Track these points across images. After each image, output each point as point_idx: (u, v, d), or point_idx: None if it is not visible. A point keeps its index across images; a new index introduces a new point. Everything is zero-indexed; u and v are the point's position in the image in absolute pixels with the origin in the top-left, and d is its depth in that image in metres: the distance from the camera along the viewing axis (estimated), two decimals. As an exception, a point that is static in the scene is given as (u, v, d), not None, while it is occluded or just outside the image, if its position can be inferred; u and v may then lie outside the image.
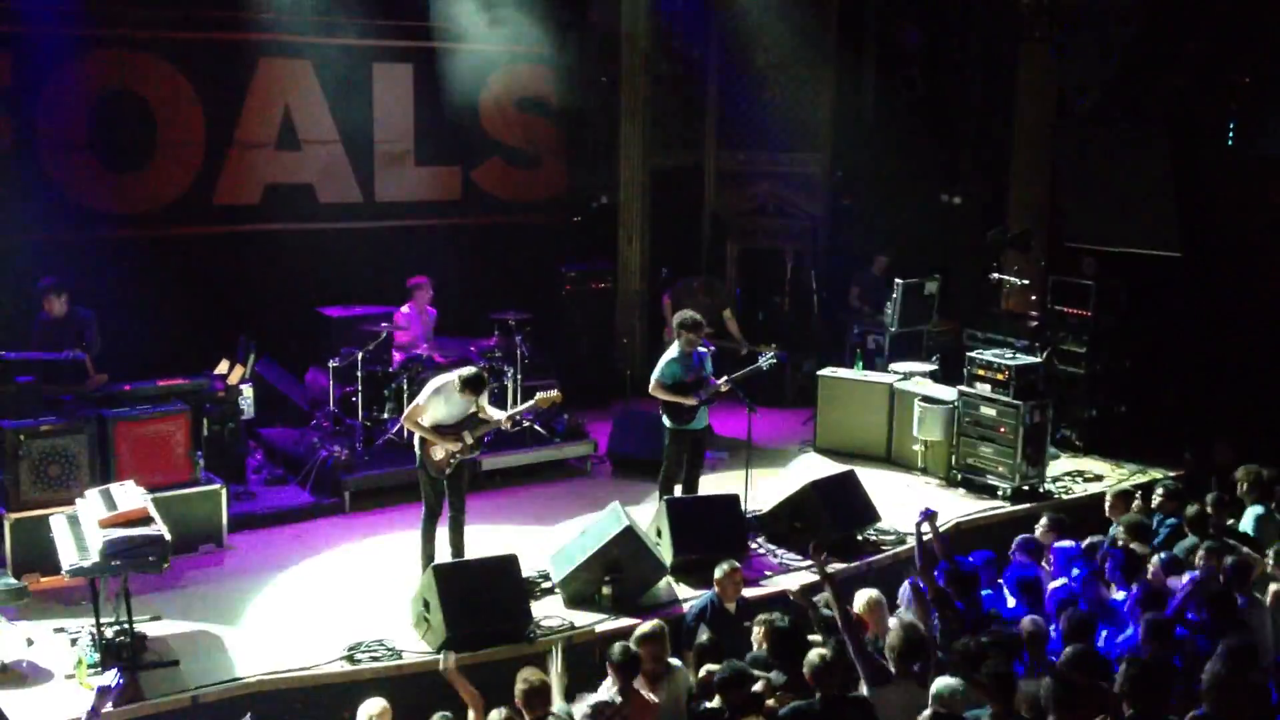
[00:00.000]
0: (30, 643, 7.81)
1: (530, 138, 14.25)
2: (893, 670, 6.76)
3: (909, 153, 14.84)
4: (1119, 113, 13.09)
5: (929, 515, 8.36)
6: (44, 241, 11.19)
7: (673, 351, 10.00)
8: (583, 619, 8.49)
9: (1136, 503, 9.74)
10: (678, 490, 10.13)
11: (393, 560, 9.52)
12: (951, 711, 6.11)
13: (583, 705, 6.58)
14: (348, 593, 8.99)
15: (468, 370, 8.98)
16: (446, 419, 8.90)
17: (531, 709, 6.45)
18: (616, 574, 8.65)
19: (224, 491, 9.70)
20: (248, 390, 10.84)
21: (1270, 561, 8.25)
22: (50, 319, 10.17)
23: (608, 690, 6.83)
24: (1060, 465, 11.94)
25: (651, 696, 6.91)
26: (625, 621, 8.26)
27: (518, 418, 10.11)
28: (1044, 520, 9.34)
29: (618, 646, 6.93)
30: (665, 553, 9.18)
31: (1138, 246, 12.85)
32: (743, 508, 9.81)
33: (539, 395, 9.37)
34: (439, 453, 8.90)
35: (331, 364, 11.37)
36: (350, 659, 7.86)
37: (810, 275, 15.04)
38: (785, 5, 14.35)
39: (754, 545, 9.88)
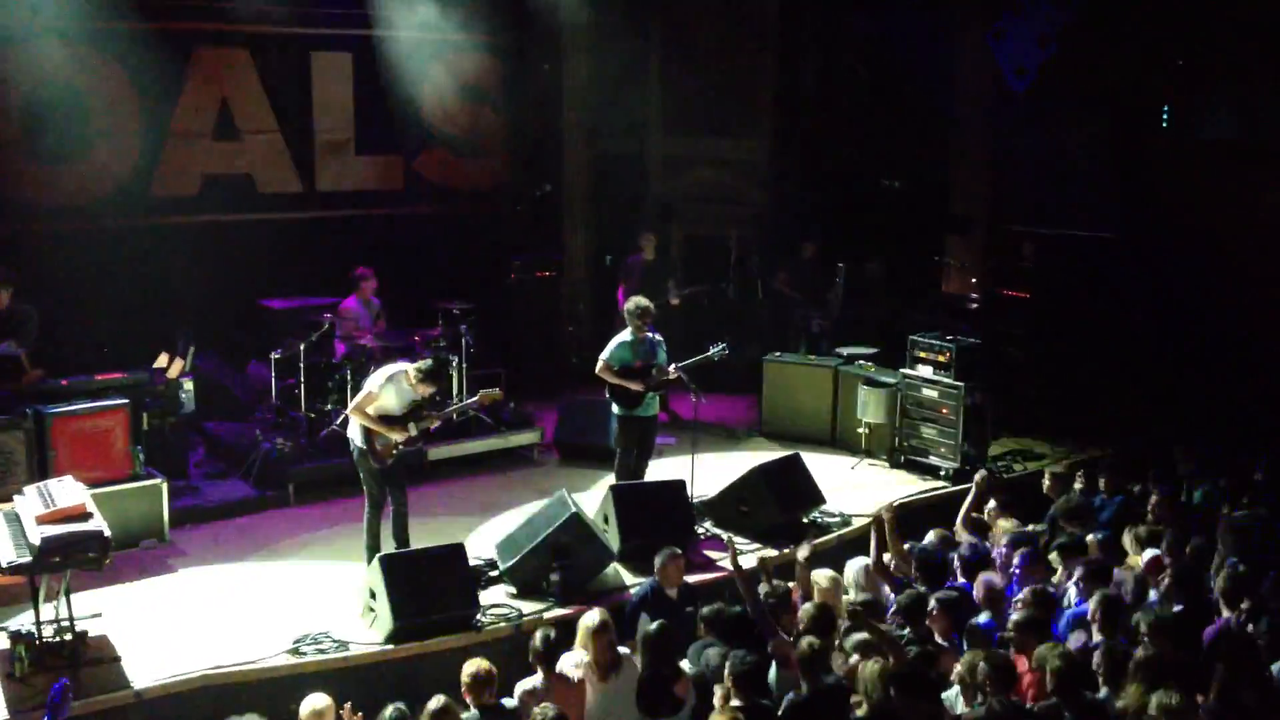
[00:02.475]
0: (-32, 641, 7.69)
1: (472, 126, 14.18)
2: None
3: (850, 137, 14.92)
4: (1057, 97, 13.23)
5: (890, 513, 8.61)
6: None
7: (624, 335, 10.00)
8: (530, 607, 8.48)
9: (1079, 482, 9.86)
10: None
11: (338, 552, 9.47)
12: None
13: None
14: (293, 586, 8.93)
15: (426, 361, 8.92)
16: (394, 409, 8.85)
17: (478, 697, 6.45)
18: (564, 561, 8.64)
19: (165, 486, 9.59)
20: (188, 384, 10.71)
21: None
22: None
23: (536, 678, 6.86)
24: (1001, 445, 12.07)
25: (577, 676, 6.92)
26: (573, 608, 8.27)
27: (462, 412, 10.08)
28: (991, 503, 9.44)
29: (538, 634, 6.96)
30: (613, 539, 9.19)
31: (1076, 229, 13.01)
32: (689, 493, 9.85)
33: (482, 393, 9.35)
34: (382, 443, 8.85)
35: (273, 356, 11.27)
36: (296, 651, 7.80)
37: (754, 261, 15.09)
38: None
39: (701, 530, 9.92)
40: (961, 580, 8.04)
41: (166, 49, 11.99)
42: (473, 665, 6.54)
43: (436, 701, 6.12)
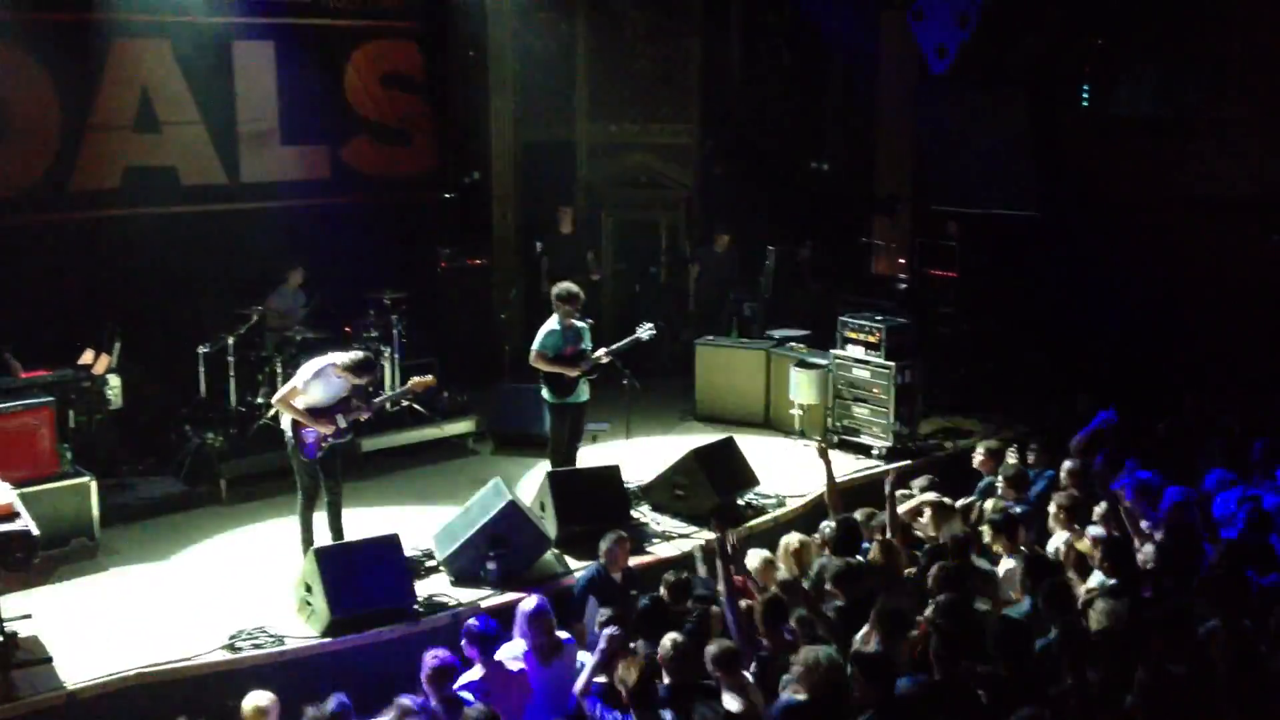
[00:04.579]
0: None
1: (398, 114, 14.06)
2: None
3: (777, 121, 15.01)
4: (977, 76, 13.39)
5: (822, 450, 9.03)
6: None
7: (552, 323, 10.01)
8: (469, 595, 8.49)
9: (1011, 458, 10.01)
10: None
11: (272, 547, 9.40)
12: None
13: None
14: (227, 581, 8.85)
15: (356, 354, 8.86)
16: (322, 401, 8.78)
17: (440, 689, 6.46)
18: (501, 549, 8.66)
19: (94, 484, 9.44)
20: (115, 380, 10.57)
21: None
22: None
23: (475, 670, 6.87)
24: (932, 423, 12.25)
25: (518, 666, 6.95)
26: (512, 596, 8.28)
27: (394, 401, 10.03)
28: (921, 480, 9.56)
29: (473, 622, 6.97)
30: (550, 526, 9.21)
31: (998, 207, 13.18)
32: (624, 478, 9.89)
33: (414, 380, 9.31)
34: (310, 436, 8.79)
35: (201, 350, 11.14)
36: (232, 648, 7.75)
37: (685, 245, 15.16)
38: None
39: (637, 515, 9.98)
40: None
41: (84, 40, 11.76)
42: (433, 657, 6.54)
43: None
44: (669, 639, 6.46)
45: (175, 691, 7.39)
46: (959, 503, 9.21)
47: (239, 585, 8.75)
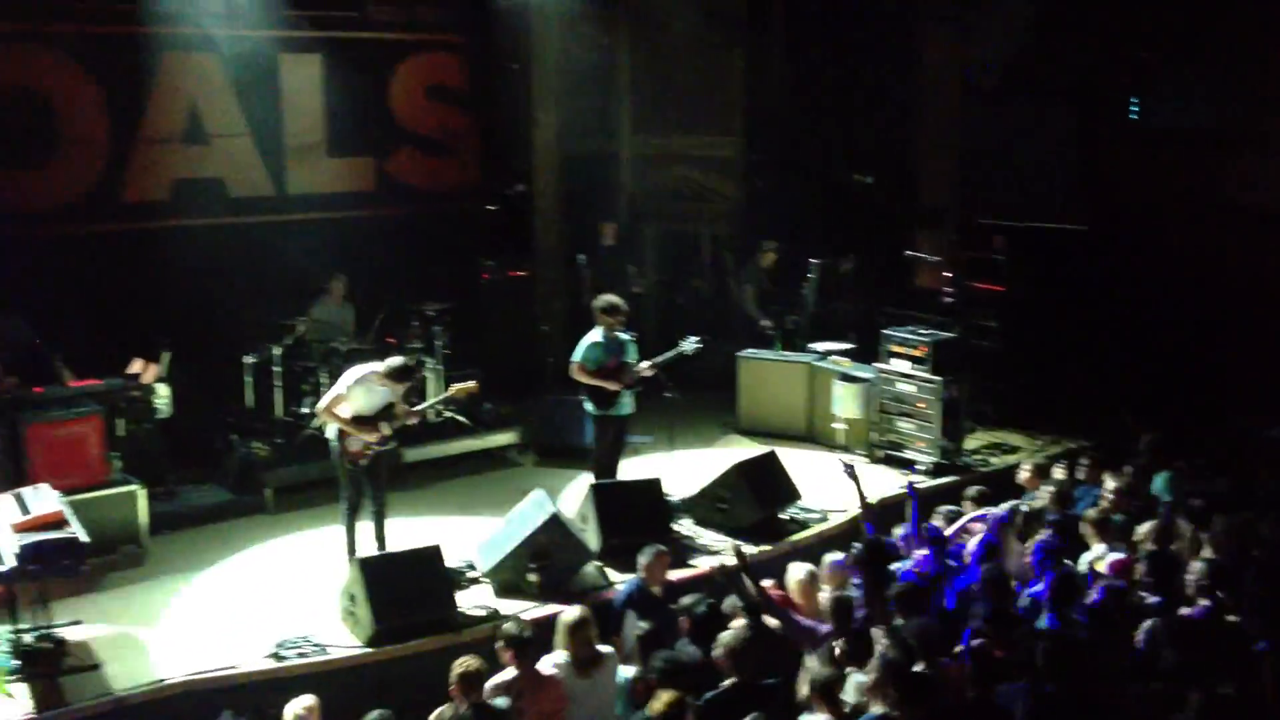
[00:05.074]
0: (-54, 651, 7.64)
1: (442, 126, 14.14)
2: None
3: (820, 133, 14.96)
4: (1023, 89, 13.30)
5: (849, 469, 8.95)
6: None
7: (594, 335, 10.01)
8: (511, 607, 8.50)
9: (1059, 473, 9.91)
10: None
11: (317, 555, 9.46)
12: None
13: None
14: (272, 590, 8.92)
15: (395, 360, 8.93)
16: (366, 410, 8.84)
17: (468, 695, 6.46)
18: (544, 561, 8.67)
19: (142, 492, 9.53)
20: (163, 389, 10.67)
21: None
22: None
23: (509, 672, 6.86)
24: (978, 438, 12.15)
25: (553, 673, 6.94)
26: (553, 608, 8.27)
27: (437, 409, 10.07)
28: (970, 492, 9.49)
29: (510, 625, 6.98)
30: (592, 538, 9.21)
31: (1045, 221, 13.09)
32: (666, 491, 9.87)
33: (455, 386, 9.35)
34: (355, 444, 8.84)
35: (247, 360, 11.23)
36: (276, 656, 7.79)
37: (728, 258, 15.13)
38: (693, -12, 14.41)
39: (679, 528, 9.95)
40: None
41: (135, 53, 11.89)
42: (462, 664, 6.54)
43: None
44: (729, 634, 6.46)
45: (221, 698, 7.42)
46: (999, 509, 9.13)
47: (284, 593, 8.82)
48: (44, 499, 7.76)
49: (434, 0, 12.91)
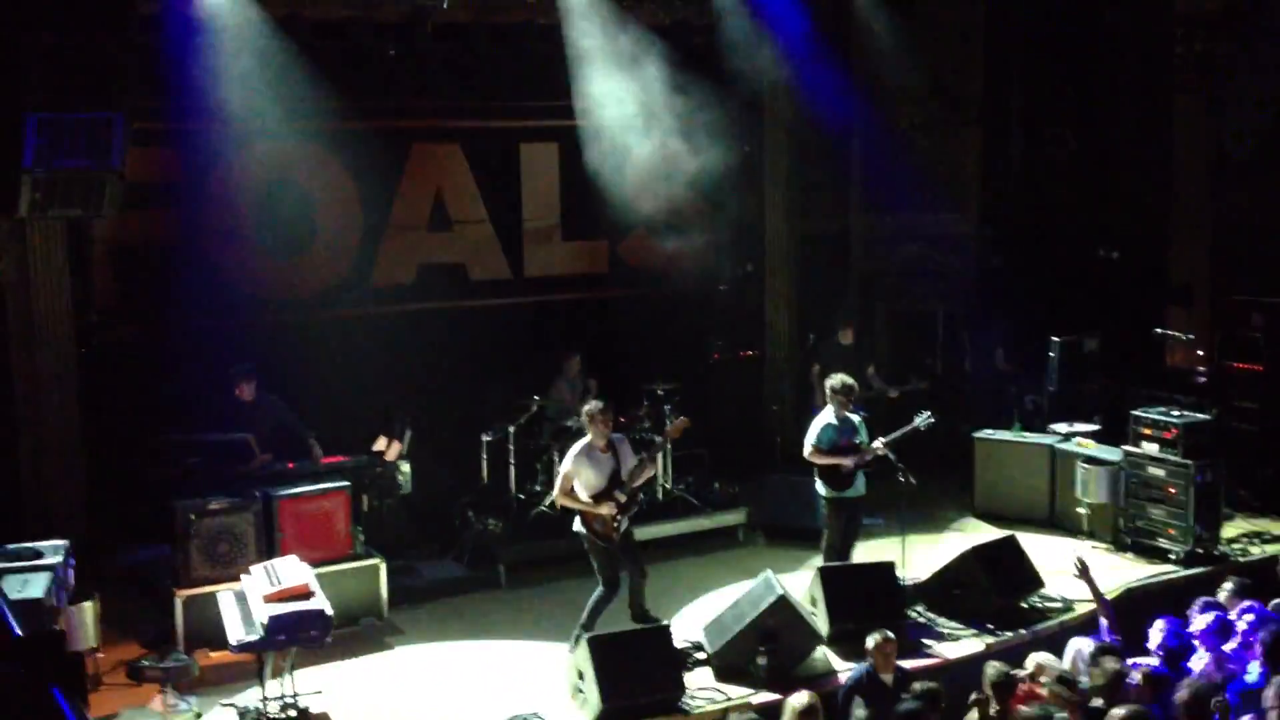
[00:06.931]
0: (199, 716, 8.03)
1: (674, 208, 14.30)
2: None
3: (1060, 209, 14.51)
4: (1278, 161, 12.63)
5: (1081, 566, 8.57)
6: (213, 328, 11.49)
7: (827, 416, 9.94)
8: (737, 691, 8.38)
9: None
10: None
11: (548, 632, 9.56)
12: None
13: None
14: (504, 665, 9.05)
15: (591, 404, 9.08)
16: (596, 484, 8.94)
17: None
18: (771, 644, 8.52)
19: (384, 566, 9.87)
20: (405, 466, 11.05)
21: None
22: (240, 403, 10.54)
23: None
24: (1236, 526, 11.42)
25: None
26: (780, 693, 8.12)
27: (652, 454, 9.97)
28: (1228, 584, 8.88)
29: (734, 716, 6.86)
30: (821, 622, 9.02)
31: (1308, 296, 12.33)
32: (899, 575, 9.61)
33: (669, 426, 9.34)
34: (599, 523, 8.92)
35: (484, 438, 11.54)
36: (506, 731, 7.90)
37: (964, 336, 14.76)
38: (928, 65, 14.25)
39: (913, 614, 9.65)
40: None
41: (386, 146, 12.48)
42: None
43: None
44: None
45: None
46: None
47: (515, 669, 8.93)
48: (293, 571, 8.10)
49: (666, 89, 13.10)
